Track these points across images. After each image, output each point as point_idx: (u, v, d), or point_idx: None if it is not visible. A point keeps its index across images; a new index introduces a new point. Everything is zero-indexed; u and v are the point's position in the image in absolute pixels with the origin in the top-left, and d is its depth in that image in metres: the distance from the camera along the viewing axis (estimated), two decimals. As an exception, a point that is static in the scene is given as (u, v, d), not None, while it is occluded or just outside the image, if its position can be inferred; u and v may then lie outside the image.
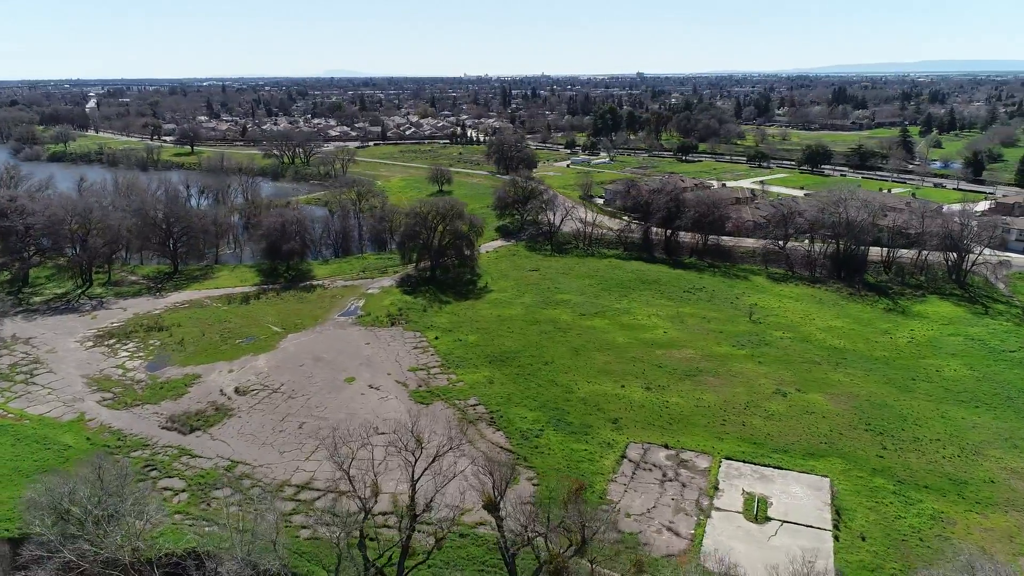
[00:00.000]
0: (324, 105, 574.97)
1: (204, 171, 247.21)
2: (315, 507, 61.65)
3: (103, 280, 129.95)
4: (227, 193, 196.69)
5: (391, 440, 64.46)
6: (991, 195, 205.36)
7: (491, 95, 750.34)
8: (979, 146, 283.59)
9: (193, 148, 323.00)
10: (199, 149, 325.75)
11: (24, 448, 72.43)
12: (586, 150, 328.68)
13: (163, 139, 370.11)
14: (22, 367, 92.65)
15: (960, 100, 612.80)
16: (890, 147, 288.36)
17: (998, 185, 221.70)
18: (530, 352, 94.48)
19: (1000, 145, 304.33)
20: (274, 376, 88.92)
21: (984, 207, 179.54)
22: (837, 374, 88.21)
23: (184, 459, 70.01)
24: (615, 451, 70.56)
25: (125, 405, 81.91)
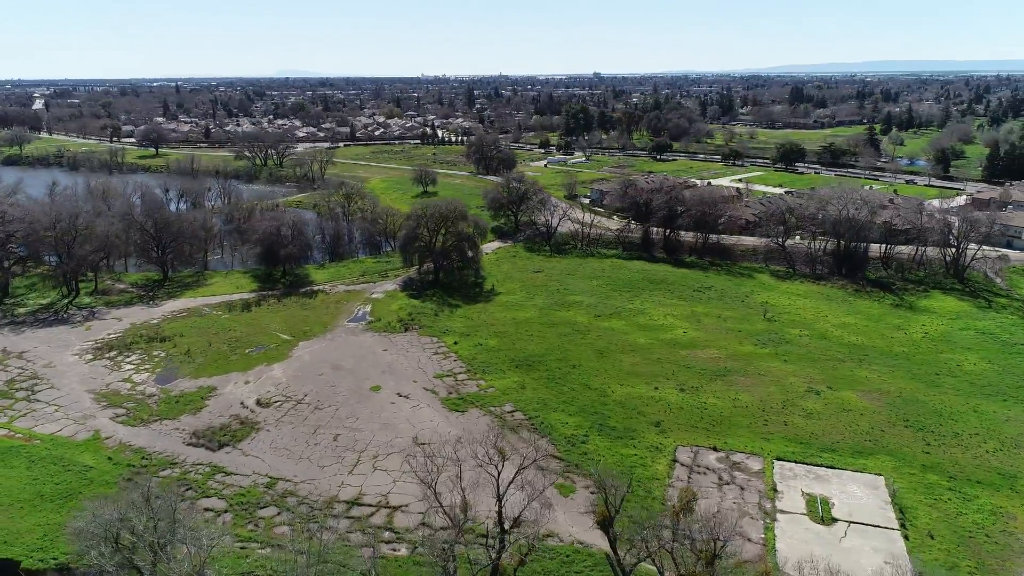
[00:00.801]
0: (286, 106, 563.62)
1: (174, 174, 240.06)
2: (371, 523, 59.08)
3: (89, 289, 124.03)
4: (204, 197, 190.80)
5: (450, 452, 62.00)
6: (962, 191, 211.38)
7: (454, 95, 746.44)
8: (942, 144, 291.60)
9: (158, 150, 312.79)
10: (163, 151, 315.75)
11: (41, 470, 68.09)
12: (560, 150, 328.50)
13: (123, 141, 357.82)
14: (21, 383, 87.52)
15: (910, 99, 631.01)
16: (856, 145, 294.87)
17: (968, 181, 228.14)
18: (555, 355, 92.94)
19: (959, 142, 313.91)
20: (295, 387, 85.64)
21: (960, 203, 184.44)
22: (863, 371, 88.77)
23: (219, 477, 66.64)
24: (664, 455, 69.52)
25: (141, 421, 77.84)
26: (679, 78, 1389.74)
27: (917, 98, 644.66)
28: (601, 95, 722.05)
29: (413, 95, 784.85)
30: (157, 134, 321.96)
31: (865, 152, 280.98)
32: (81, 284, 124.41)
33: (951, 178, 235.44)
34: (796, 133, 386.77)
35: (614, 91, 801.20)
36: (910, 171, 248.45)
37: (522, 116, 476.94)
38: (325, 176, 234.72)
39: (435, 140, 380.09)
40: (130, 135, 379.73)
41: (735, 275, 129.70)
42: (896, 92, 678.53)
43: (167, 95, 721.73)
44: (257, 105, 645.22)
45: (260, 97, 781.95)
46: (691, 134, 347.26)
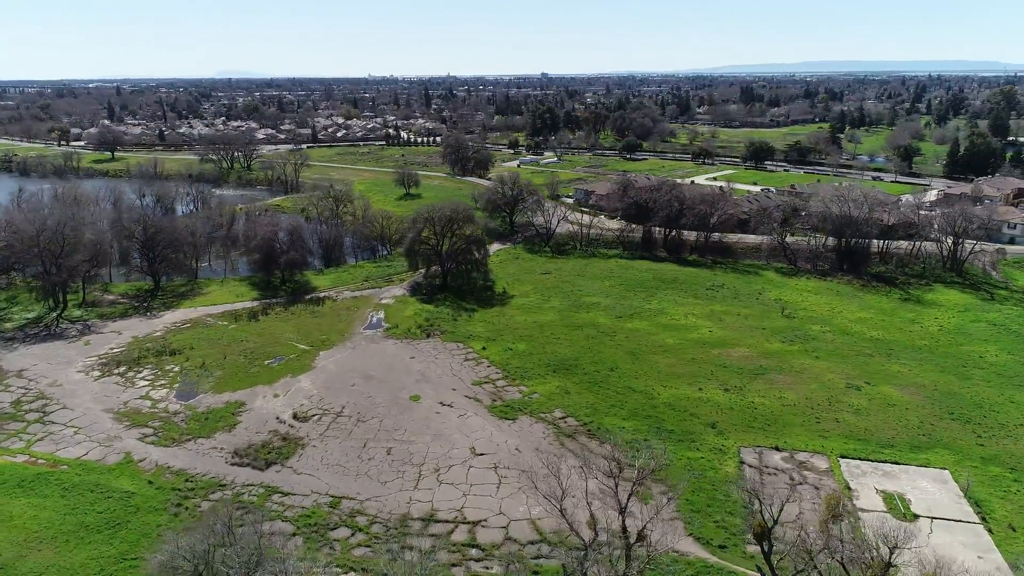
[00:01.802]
0: (237, 107, 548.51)
1: (137, 179, 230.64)
2: (453, 541, 56.61)
3: (76, 301, 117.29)
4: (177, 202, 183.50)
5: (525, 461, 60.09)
6: (928, 186, 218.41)
7: (407, 96, 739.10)
8: (898, 141, 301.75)
9: (113, 154, 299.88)
10: (119, 155, 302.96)
11: (79, 499, 63.40)
12: (530, 150, 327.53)
13: (71, 145, 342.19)
14: (29, 404, 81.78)
15: (853, 98, 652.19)
16: (818, 143, 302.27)
17: (931, 177, 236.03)
18: (588, 358, 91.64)
19: (912, 140, 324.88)
20: (329, 399, 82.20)
21: (932, 198, 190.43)
22: (893, 365, 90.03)
23: (276, 498, 63.12)
24: (729, 456, 68.91)
25: (173, 441, 73.46)
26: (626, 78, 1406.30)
27: (859, 97, 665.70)
28: (555, 95, 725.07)
29: (366, 96, 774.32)
30: (113, 137, 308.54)
31: (828, 150, 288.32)
32: (67, 296, 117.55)
33: (915, 174, 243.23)
34: (754, 132, 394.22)
35: (567, 91, 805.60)
36: (875, 168, 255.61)
37: (484, 116, 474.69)
38: (299, 179, 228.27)
39: (399, 141, 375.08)
40: (78, 138, 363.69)
41: (742, 273, 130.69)
42: (840, 92, 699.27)
43: (107, 96, 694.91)
44: (206, 106, 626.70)
45: (206, 98, 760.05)
46: (655, 134, 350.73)
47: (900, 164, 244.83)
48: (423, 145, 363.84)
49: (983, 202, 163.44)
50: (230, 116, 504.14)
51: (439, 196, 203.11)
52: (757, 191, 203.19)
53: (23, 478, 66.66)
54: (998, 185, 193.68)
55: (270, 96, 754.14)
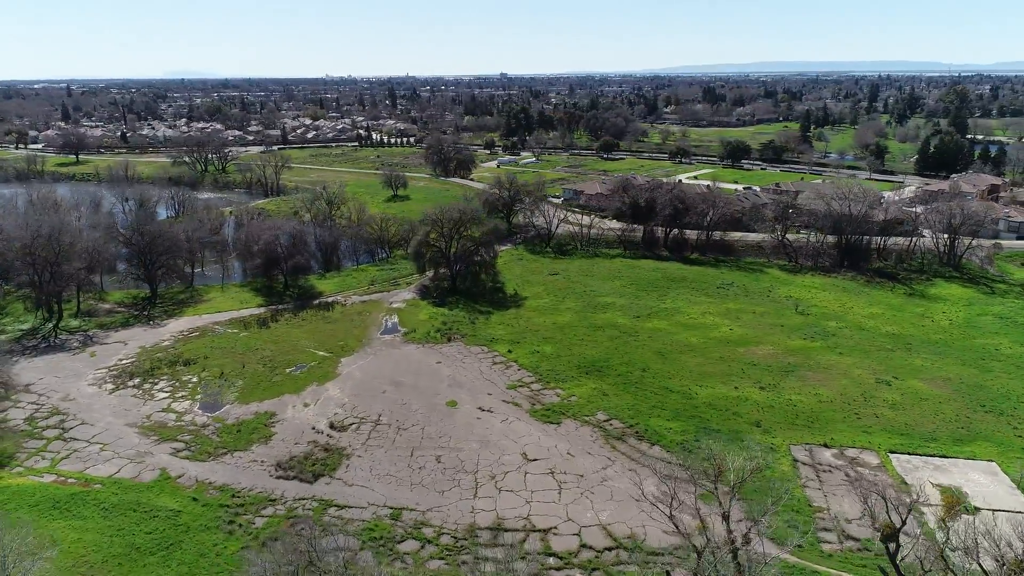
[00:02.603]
0: (194, 108, 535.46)
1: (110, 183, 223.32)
2: (527, 550, 55.40)
3: (71, 311, 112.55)
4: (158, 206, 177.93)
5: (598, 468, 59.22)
6: (902, 183, 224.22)
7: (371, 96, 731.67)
8: (866, 139, 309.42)
9: (78, 157, 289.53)
10: (84, 158, 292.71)
11: (123, 519, 60.40)
12: (506, 150, 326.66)
13: (29, 147, 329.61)
14: (44, 420, 77.90)
15: (811, 97, 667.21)
16: (789, 141, 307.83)
17: (906, 175, 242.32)
18: (618, 360, 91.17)
19: (877, 138, 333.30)
20: (362, 407, 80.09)
21: (910, 195, 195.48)
22: (915, 359, 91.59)
23: (332, 511, 61.06)
24: (781, 455, 69.08)
25: (209, 455, 70.67)
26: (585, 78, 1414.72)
27: (817, 96, 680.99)
28: (519, 95, 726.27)
29: (328, 96, 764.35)
30: (77, 139, 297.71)
31: (800, 149, 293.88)
32: (62, 305, 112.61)
33: (889, 171, 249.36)
34: (722, 131, 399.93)
35: (531, 91, 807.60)
36: (849, 166, 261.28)
37: (453, 117, 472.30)
38: (280, 181, 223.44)
39: (371, 142, 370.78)
40: (35, 140, 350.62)
41: (747, 271, 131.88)
42: (799, 91, 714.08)
43: (58, 98, 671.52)
44: (163, 108, 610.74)
45: (162, 99, 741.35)
46: (628, 133, 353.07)
47: (873, 162, 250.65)
48: (397, 146, 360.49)
49: (966, 198, 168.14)
50: (192, 117, 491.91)
51: (428, 198, 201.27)
52: (740, 189, 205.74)
53: (56, 499, 63.35)
54: (973, 181, 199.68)
55: (229, 97, 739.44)
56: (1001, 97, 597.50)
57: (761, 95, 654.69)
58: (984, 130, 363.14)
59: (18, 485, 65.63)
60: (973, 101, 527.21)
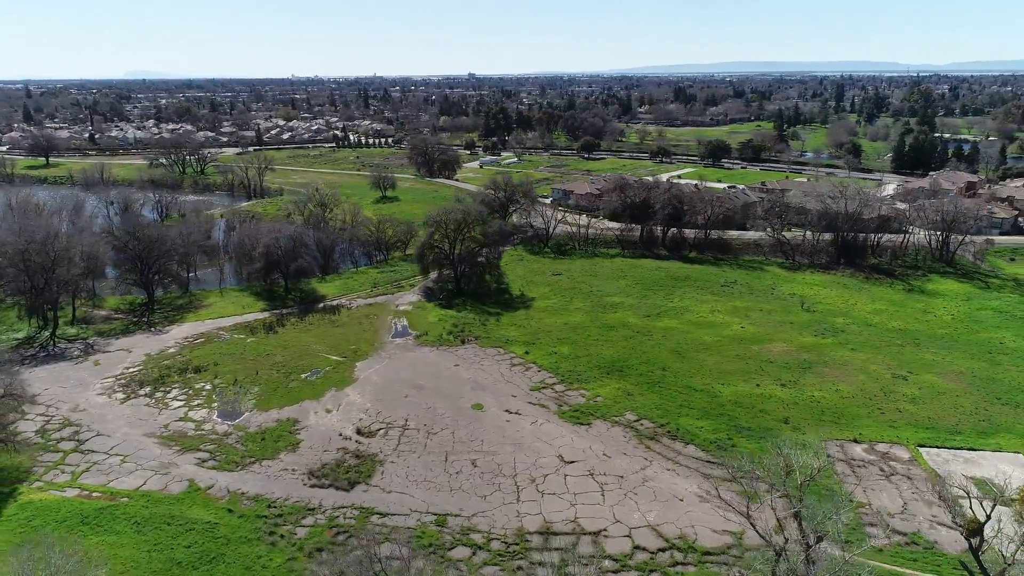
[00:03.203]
0: (169, 109, 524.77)
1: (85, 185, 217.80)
2: (580, 553, 54.94)
3: (66, 318, 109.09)
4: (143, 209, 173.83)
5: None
6: (880, 181, 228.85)
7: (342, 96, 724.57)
8: (839, 138, 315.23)
9: (48, 160, 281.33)
10: (53, 160, 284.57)
11: (157, 533, 58.54)
12: (487, 150, 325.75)
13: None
14: (57, 432, 75.29)
15: (779, 97, 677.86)
16: (766, 141, 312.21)
17: (883, 173, 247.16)
18: (636, 359, 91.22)
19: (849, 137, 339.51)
20: (386, 412, 78.89)
21: (891, 192, 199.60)
22: (925, 354, 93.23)
23: (375, 519, 59.92)
24: (814, 451, 69.54)
25: (236, 464, 68.92)
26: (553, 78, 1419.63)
27: (785, 96, 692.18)
28: (491, 95, 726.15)
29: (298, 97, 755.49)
30: (48, 141, 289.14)
31: (778, 148, 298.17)
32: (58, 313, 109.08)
33: (867, 170, 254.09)
34: (697, 131, 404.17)
35: (503, 92, 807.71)
36: (827, 164, 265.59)
37: (428, 117, 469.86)
38: (263, 183, 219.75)
39: (348, 143, 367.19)
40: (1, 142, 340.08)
41: (748, 268, 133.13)
42: (767, 91, 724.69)
43: (17, 98, 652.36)
44: (129, 108, 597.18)
45: (126, 100, 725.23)
46: (606, 133, 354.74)
47: (851, 160, 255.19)
48: (375, 146, 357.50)
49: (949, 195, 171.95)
50: (160, 119, 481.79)
51: (417, 199, 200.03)
52: (725, 188, 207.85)
53: (84, 514, 61.18)
54: (951, 179, 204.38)
55: (196, 98, 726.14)
56: (961, 96, 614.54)
57: (731, 95, 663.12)
58: (951, 129, 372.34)
59: (41, 500, 63.27)
60: (936, 100, 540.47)
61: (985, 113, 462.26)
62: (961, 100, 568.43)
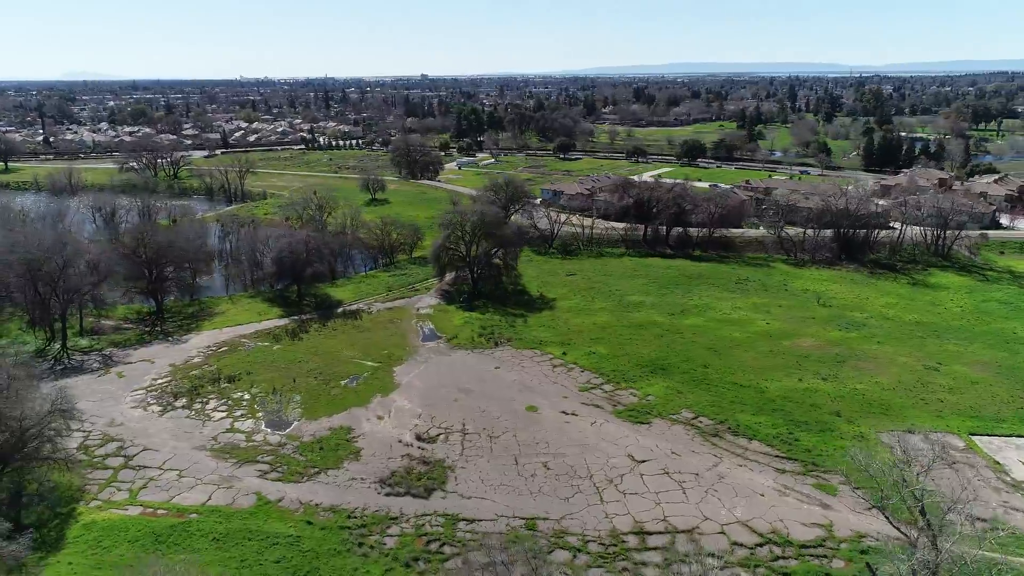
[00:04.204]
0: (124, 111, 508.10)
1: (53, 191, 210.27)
2: (681, 552, 55.14)
3: (72, 329, 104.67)
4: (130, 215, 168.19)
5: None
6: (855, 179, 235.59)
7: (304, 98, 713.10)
8: (804, 137, 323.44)
9: (7, 164, 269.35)
10: (11, 165, 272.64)
11: (240, 549, 56.64)
12: (462, 151, 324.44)
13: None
14: (99, 447, 72.31)
15: (735, 97, 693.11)
16: (735, 140, 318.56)
17: (855, 171, 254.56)
18: (675, 357, 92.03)
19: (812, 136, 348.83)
20: (440, 416, 77.87)
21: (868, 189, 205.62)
22: (948, 345, 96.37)
23: (462, 526, 59.09)
24: (872, 443, 71.20)
25: (301, 475, 67.16)
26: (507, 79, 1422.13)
27: (739, 97, 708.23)
28: (450, 97, 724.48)
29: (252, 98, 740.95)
30: (6, 145, 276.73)
31: (749, 147, 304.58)
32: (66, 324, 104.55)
33: (838, 168, 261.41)
34: (664, 131, 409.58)
35: (462, 93, 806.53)
36: (800, 163, 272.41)
37: (393, 118, 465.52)
38: (244, 187, 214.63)
39: (316, 145, 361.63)
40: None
41: (755, 266, 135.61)
42: (724, 92, 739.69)
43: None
44: (76, 111, 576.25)
45: (70, 102, 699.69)
46: (577, 134, 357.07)
47: (824, 159, 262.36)
48: (345, 149, 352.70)
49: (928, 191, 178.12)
50: (115, 121, 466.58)
51: (407, 200, 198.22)
52: (708, 187, 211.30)
53: (156, 532, 58.84)
54: (924, 176, 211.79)
55: (146, 99, 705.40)
56: (908, 96, 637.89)
57: (688, 96, 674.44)
58: (907, 127, 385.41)
59: (105, 520, 60.59)
60: (886, 101, 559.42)
61: (934, 112, 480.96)
62: (909, 100, 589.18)
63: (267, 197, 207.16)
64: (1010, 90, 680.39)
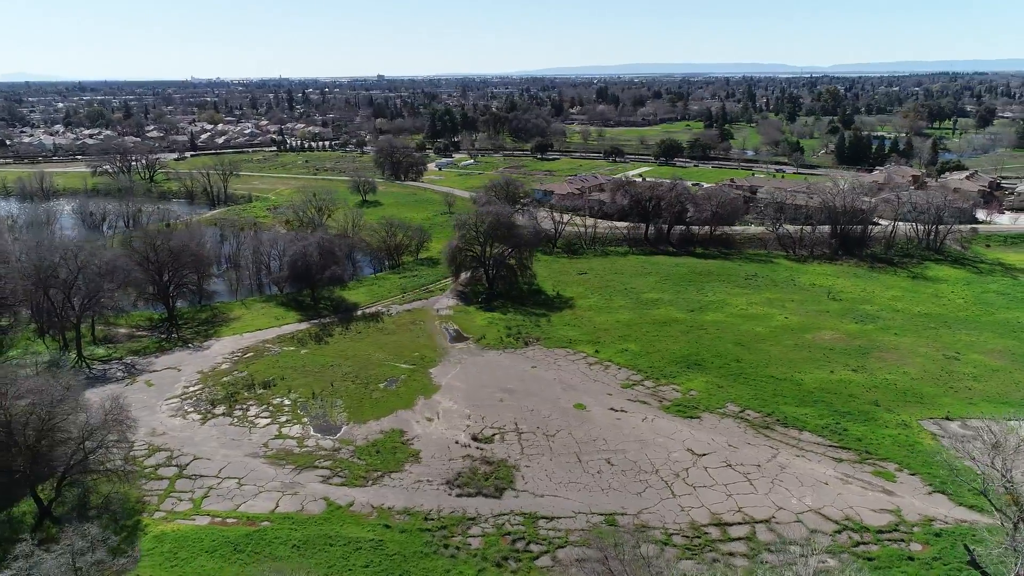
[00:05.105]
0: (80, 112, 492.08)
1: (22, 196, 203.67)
2: (760, 540, 56.39)
3: (86, 339, 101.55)
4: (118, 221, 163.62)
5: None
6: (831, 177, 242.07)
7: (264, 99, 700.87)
8: (773, 137, 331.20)
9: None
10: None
11: (325, 555, 55.99)
12: (438, 152, 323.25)
13: None
14: (147, 458, 70.56)
15: (695, 98, 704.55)
16: (709, 139, 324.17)
17: (829, 169, 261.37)
18: (706, 353, 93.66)
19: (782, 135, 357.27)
20: (490, 416, 77.96)
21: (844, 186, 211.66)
22: (961, 335, 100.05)
23: (542, 523, 59.39)
24: (916, 431, 73.77)
25: (364, 479, 66.62)
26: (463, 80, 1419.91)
27: (699, 97, 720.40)
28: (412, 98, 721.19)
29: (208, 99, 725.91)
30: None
31: (722, 146, 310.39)
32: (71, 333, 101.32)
33: (811, 166, 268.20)
34: (635, 131, 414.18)
35: (424, 94, 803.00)
36: (775, 161, 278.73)
37: (360, 119, 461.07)
38: (228, 190, 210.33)
39: (287, 147, 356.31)
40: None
41: (759, 262, 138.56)
42: (683, 92, 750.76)
43: None
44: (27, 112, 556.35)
45: (17, 103, 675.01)
46: (550, 134, 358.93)
47: (798, 157, 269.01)
48: (318, 150, 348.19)
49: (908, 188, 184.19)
50: (70, 123, 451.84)
51: (399, 202, 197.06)
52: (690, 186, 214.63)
53: (231, 540, 57.74)
54: (899, 173, 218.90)
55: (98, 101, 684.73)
56: (861, 96, 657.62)
57: (651, 96, 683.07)
58: (868, 126, 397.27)
59: (175, 531, 59.18)
60: (843, 101, 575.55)
61: (888, 111, 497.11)
62: (863, 100, 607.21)
63: (252, 200, 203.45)
64: (956, 90, 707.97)
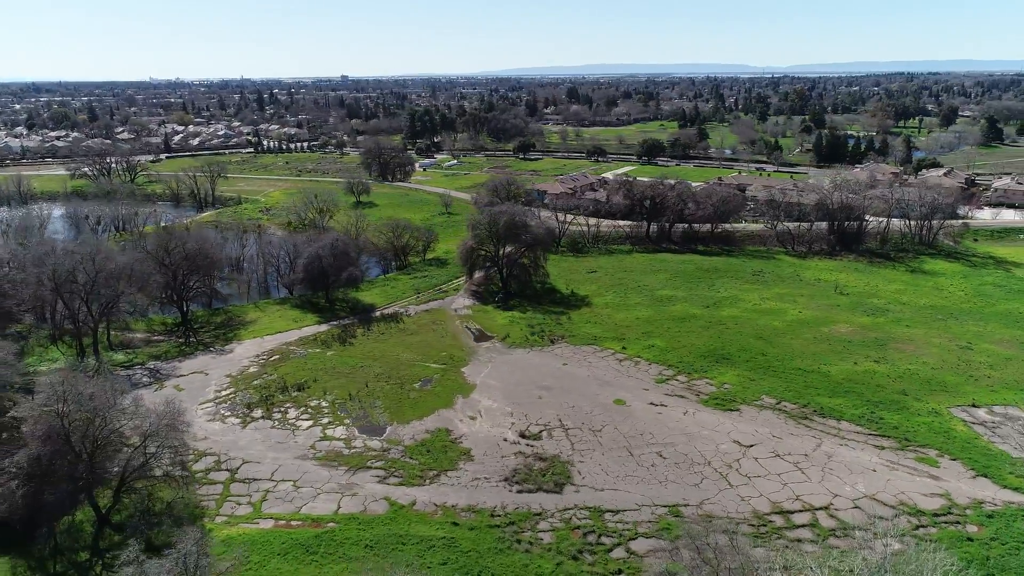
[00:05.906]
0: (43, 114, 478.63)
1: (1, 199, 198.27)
2: (827, 527, 58.08)
3: (102, 344, 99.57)
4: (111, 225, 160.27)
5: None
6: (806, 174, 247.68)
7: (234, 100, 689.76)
8: (749, 136, 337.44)
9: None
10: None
11: (400, 555, 56.12)
12: (420, 153, 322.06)
13: None
14: (197, 462, 69.64)
15: (664, 98, 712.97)
16: (688, 139, 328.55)
17: (809, 167, 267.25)
18: (730, 347, 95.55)
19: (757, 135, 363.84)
20: (532, 414, 78.67)
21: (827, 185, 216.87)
22: (968, 326, 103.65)
23: (608, 516, 60.35)
24: (947, 418, 76.38)
25: (421, 478, 66.84)
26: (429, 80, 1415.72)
27: (668, 97, 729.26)
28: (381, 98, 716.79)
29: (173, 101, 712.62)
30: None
31: (701, 146, 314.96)
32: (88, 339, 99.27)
33: (792, 164, 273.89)
34: (611, 130, 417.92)
35: (393, 94, 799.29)
36: (756, 160, 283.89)
37: (334, 120, 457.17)
38: (216, 192, 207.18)
39: (264, 148, 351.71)
40: None
41: (761, 258, 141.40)
42: (652, 92, 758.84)
43: None
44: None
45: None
46: (530, 134, 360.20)
47: (778, 156, 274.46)
48: (296, 152, 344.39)
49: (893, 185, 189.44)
50: (34, 125, 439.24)
51: (394, 203, 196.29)
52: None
53: (303, 543, 57.55)
54: (880, 171, 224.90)
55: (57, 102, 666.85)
56: (824, 96, 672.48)
57: (622, 96, 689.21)
58: (838, 126, 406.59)
59: (242, 535, 58.75)
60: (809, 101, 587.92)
61: (853, 111, 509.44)
62: (828, 100, 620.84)
63: (242, 202, 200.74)
64: (914, 90, 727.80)
